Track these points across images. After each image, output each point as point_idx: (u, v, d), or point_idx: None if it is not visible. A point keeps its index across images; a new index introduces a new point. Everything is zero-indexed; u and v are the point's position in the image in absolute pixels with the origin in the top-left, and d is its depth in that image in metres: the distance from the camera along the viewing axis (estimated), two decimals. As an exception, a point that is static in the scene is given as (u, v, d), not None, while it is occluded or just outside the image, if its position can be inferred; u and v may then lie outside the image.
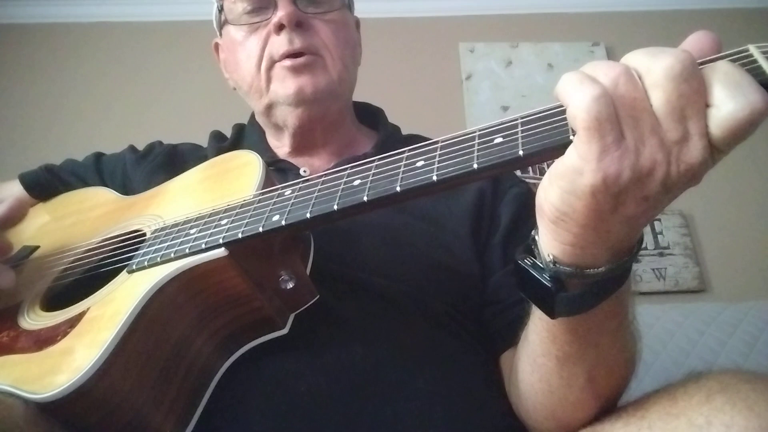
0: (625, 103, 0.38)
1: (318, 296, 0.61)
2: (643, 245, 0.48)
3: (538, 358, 0.56)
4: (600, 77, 0.39)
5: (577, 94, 0.38)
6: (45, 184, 0.91)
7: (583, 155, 0.38)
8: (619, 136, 0.38)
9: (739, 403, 0.45)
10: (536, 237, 0.47)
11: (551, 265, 0.45)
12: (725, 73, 0.37)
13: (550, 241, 0.45)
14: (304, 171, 0.83)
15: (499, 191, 0.82)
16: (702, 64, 0.38)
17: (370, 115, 0.97)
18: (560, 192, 0.41)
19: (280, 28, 0.79)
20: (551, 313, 0.48)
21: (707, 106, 0.37)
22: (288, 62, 0.79)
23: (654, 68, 0.37)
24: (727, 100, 0.36)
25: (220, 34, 0.90)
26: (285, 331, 0.60)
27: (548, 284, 0.46)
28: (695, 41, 0.40)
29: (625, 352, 0.55)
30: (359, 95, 0.94)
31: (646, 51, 0.39)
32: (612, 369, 0.55)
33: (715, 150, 0.37)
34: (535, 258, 0.47)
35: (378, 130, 0.93)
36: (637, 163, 0.38)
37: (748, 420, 0.44)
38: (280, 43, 0.79)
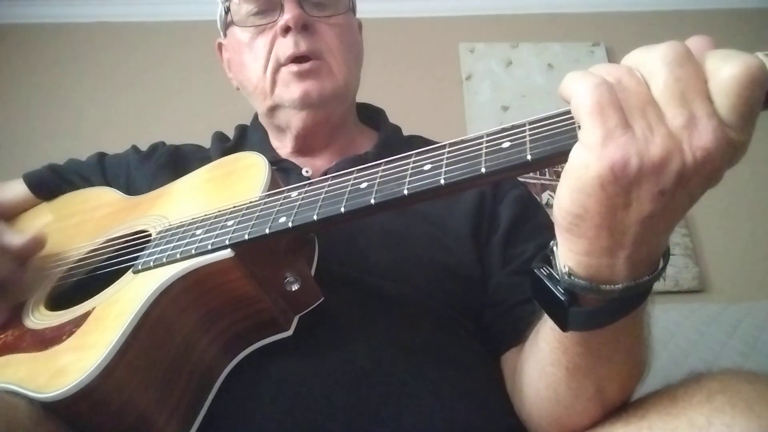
0: (629, 96, 0.38)
1: (323, 298, 0.61)
2: (666, 266, 0.45)
3: (546, 367, 0.56)
4: (603, 75, 0.39)
5: (579, 86, 0.39)
6: (49, 184, 0.91)
7: (588, 143, 0.38)
8: (624, 122, 0.37)
9: (739, 403, 0.45)
10: (554, 248, 0.46)
11: (566, 277, 0.44)
12: (712, 52, 0.38)
13: (566, 252, 0.44)
14: (306, 171, 0.83)
15: (499, 193, 0.82)
16: None
17: (370, 115, 0.97)
18: (570, 192, 0.40)
19: (286, 30, 0.79)
20: (563, 326, 0.47)
21: (707, 85, 0.37)
22: (294, 67, 0.80)
23: (649, 59, 0.38)
24: (722, 65, 0.36)
25: (225, 35, 0.90)
26: (289, 332, 0.60)
27: (561, 297, 0.45)
28: (691, 45, 0.40)
29: (639, 366, 0.55)
30: (359, 95, 0.94)
31: (641, 48, 0.40)
32: (623, 383, 0.54)
33: (728, 127, 0.37)
34: (553, 268, 0.46)
35: (379, 130, 0.93)
36: (647, 152, 0.37)
37: (749, 420, 0.43)
38: (286, 46, 0.80)
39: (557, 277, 0.45)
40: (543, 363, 0.56)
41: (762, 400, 0.45)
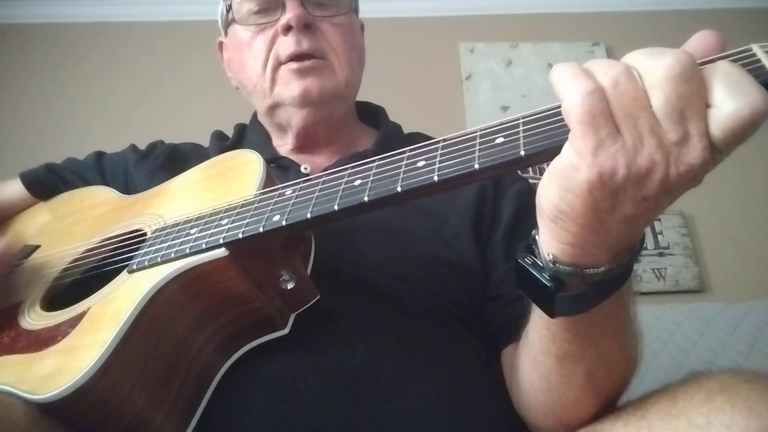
0: (624, 102, 0.37)
1: (319, 296, 0.61)
2: (644, 246, 0.47)
3: (537, 356, 0.56)
4: (599, 74, 0.39)
5: (570, 89, 0.38)
6: (46, 183, 0.91)
7: (578, 150, 0.38)
8: (614, 132, 0.38)
9: (739, 403, 0.45)
10: (536, 236, 0.47)
11: (551, 265, 0.45)
12: (726, 73, 0.37)
13: (550, 241, 0.45)
14: (305, 168, 0.83)
15: (500, 187, 0.82)
16: (704, 63, 0.38)
17: (371, 114, 0.97)
18: (558, 190, 0.41)
19: (287, 29, 0.79)
20: (551, 312, 0.48)
21: (708, 106, 0.37)
22: (294, 65, 0.79)
23: (654, 69, 0.37)
24: (728, 100, 0.36)
25: (226, 34, 0.90)
26: (286, 331, 0.60)
27: (548, 284, 0.46)
28: (699, 40, 0.40)
29: (626, 352, 0.55)
30: (360, 95, 0.94)
31: (646, 51, 0.39)
32: (612, 368, 0.55)
33: (716, 151, 0.37)
34: (536, 257, 0.47)
35: (379, 128, 0.93)
36: (635, 162, 0.37)
37: (748, 420, 0.43)
38: (288, 44, 0.79)
39: (541, 264, 0.46)
40: (534, 353, 0.57)
41: (761, 400, 0.45)
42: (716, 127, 0.36)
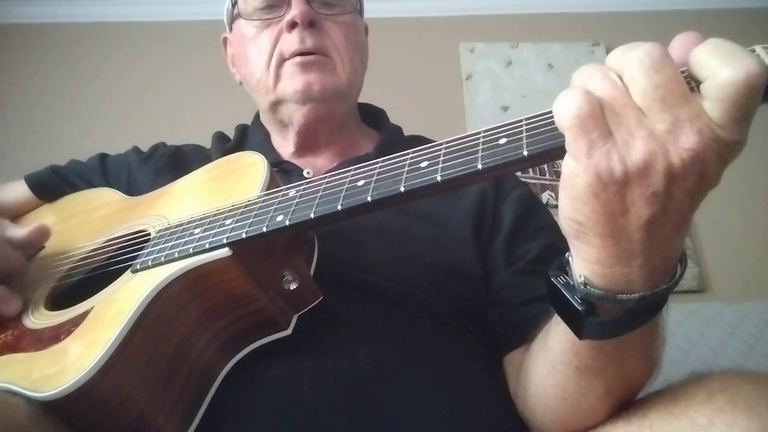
0: (606, 102, 0.38)
1: (321, 297, 0.61)
2: (683, 272, 0.45)
3: (556, 365, 0.55)
4: (580, 83, 0.40)
5: (560, 103, 0.39)
6: (51, 186, 0.91)
7: (574, 155, 0.39)
8: (605, 132, 0.38)
9: (740, 403, 0.45)
10: (569, 258, 0.46)
11: (582, 287, 0.44)
12: (715, 45, 0.37)
13: (579, 262, 0.44)
14: (308, 172, 0.84)
15: (501, 193, 0.82)
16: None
17: (371, 116, 0.97)
18: (569, 201, 0.41)
19: (292, 26, 0.80)
20: (579, 334, 0.47)
21: (699, 83, 0.37)
22: (298, 59, 0.80)
23: (626, 65, 0.38)
24: (721, 68, 0.36)
25: (230, 29, 0.91)
26: (288, 332, 0.60)
27: (579, 307, 0.45)
28: (681, 42, 0.40)
29: (650, 367, 0.54)
30: (360, 95, 0.94)
31: (621, 48, 0.40)
32: (633, 383, 0.54)
33: (719, 128, 0.37)
34: (569, 278, 0.46)
35: (380, 130, 0.93)
36: (630, 157, 0.37)
37: (750, 420, 0.43)
38: (292, 42, 0.80)
39: (574, 285, 0.45)
40: (553, 362, 0.56)
41: (763, 400, 0.45)
42: (714, 98, 0.36)
